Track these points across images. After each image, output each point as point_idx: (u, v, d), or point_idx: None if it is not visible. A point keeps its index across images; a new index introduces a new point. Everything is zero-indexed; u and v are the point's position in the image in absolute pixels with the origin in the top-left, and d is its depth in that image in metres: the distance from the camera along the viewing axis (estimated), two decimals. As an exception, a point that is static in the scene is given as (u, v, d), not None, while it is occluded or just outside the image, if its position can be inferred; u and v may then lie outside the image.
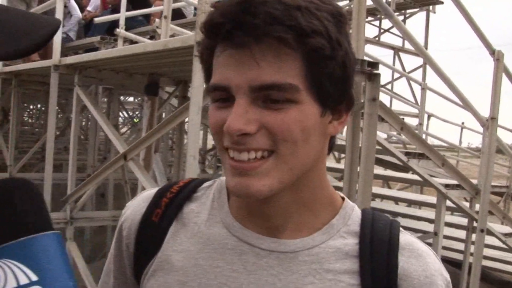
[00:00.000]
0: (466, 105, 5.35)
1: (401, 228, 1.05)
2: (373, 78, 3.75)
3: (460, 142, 14.22)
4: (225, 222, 1.04)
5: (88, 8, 9.60)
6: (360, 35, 3.84)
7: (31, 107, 17.41)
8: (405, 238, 1.03)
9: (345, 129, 4.17)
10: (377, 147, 4.87)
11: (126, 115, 18.66)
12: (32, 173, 9.19)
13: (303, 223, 1.01)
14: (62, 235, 1.18)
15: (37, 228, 0.79)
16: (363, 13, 3.85)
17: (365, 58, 3.81)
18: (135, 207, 1.12)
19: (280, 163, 0.90)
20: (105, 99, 10.76)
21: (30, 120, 20.06)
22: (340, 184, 4.51)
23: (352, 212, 1.05)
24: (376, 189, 8.54)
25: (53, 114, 6.13)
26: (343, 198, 1.08)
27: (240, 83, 0.88)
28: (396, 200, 8.41)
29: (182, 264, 1.02)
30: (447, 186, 5.36)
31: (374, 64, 3.76)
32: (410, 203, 8.41)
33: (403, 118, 6.53)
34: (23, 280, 0.75)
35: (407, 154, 4.96)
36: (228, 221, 1.04)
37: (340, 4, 11.36)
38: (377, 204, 8.87)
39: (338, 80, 0.92)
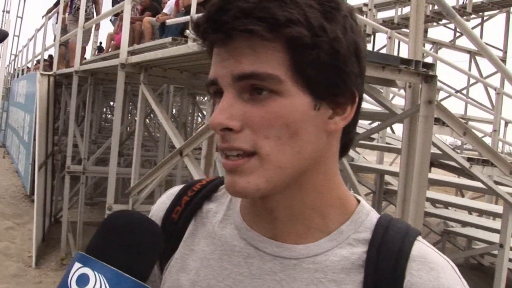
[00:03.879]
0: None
1: (419, 238, 0.96)
2: (429, 79, 3.64)
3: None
4: (236, 223, 1.02)
5: (164, 11, 9.76)
6: (418, 36, 3.74)
7: (111, 103, 17.85)
8: (420, 248, 0.93)
9: (401, 132, 4.07)
10: (439, 152, 4.73)
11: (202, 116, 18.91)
12: (103, 167, 9.40)
13: (310, 227, 0.96)
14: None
15: (142, 276, 0.81)
16: (422, 13, 3.74)
17: (432, 61, 3.71)
18: (160, 204, 1.14)
19: (264, 162, 0.87)
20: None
21: (112, 117, 20.65)
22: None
23: (367, 218, 0.98)
24: (445, 197, 8.31)
25: (119, 111, 6.28)
26: (359, 202, 1.01)
27: (224, 75, 0.88)
28: (463, 208, 8.13)
29: (196, 264, 1.02)
30: (515, 195, 5.14)
31: (430, 65, 3.64)
32: (478, 212, 8.13)
33: (466, 123, 6.27)
34: None
35: (469, 160, 4.75)
36: (238, 222, 1.02)
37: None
38: (445, 212, 8.63)
39: (326, 68, 0.87)
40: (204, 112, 19.10)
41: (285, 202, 0.94)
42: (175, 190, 1.14)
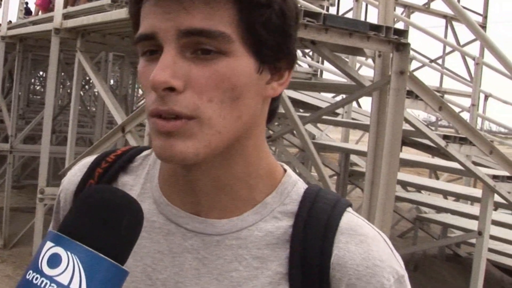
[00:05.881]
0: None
1: (349, 209, 1.00)
2: (401, 48, 3.68)
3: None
4: (154, 197, 1.04)
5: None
6: (389, -1, 3.78)
7: (41, 73, 17.58)
8: (349, 220, 0.97)
9: (369, 106, 4.12)
10: (412, 128, 4.80)
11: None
12: (34, 145, 9.30)
13: (235, 199, 0.99)
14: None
15: (120, 259, 0.81)
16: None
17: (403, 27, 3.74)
18: (71, 177, 1.13)
19: (204, 125, 0.89)
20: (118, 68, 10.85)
21: (42, 89, 20.33)
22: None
23: (293, 189, 1.02)
24: (417, 179, 8.40)
25: (53, 82, 6.19)
26: (286, 171, 1.05)
27: (168, 28, 0.87)
28: (437, 192, 8.25)
29: None
30: (495, 177, 5.22)
31: (402, 32, 3.68)
32: (454, 196, 8.21)
33: (442, 96, 6.33)
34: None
35: (445, 137, 4.82)
36: (157, 196, 1.04)
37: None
38: (418, 196, 8.74)
39: (275, 30, 0.91)
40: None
41: (211, 173, 0.97)
42: (87, 161, 1.14)
